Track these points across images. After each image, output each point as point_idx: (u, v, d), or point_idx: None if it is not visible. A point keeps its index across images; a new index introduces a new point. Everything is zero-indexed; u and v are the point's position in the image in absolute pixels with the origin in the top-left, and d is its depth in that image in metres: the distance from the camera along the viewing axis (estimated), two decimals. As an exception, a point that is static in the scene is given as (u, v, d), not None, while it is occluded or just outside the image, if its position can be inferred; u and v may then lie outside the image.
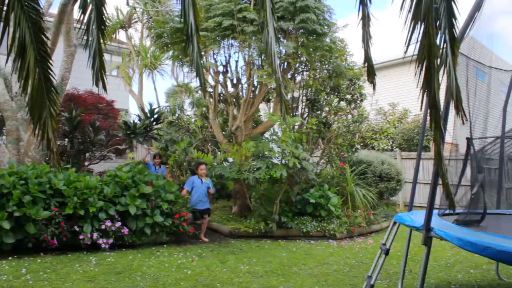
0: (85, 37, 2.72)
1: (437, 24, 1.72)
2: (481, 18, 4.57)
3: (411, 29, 1.73)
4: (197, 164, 8.78)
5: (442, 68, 1.71)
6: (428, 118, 1.86)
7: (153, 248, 7.42)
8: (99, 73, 2.64)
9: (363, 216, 9.52)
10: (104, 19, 2.71)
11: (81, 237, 6.89)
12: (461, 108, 1.73)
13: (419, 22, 1.71)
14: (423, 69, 1.70)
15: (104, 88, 2.72)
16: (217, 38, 9.20)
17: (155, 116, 9.93)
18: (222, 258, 6.91)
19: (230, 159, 9.34)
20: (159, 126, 10.71)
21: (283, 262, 6.73)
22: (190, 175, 10.75)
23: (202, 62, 9.07)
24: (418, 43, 1.69)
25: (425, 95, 1.72)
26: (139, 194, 7.59)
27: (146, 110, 10.27)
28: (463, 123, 1.83)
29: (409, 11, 1.74)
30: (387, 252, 5.22)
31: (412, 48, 1.73)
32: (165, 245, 7.66)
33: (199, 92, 10.75)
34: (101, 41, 2.72)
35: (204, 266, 6.31)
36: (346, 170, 10.53)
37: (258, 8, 8.66)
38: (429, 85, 1.69)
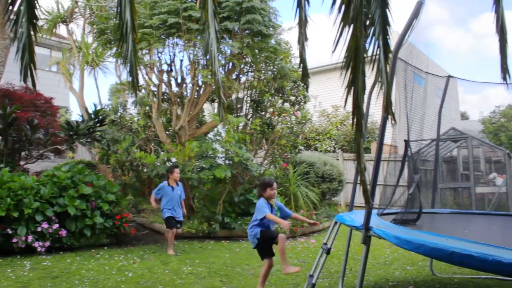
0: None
1: (372, 30, 1.77)
2: (418, 26, 4.76)
3: (339, 31, 1.77)
4: (171, 168, 7.62)
5: (375, 72, 1.77)
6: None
7: (93, 250, 7.21)
8: (28, 68, 2.52)
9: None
10: (36, 11, 2.59)
11: (14, 240, 6.58)
12: (391, 111, 1.79)
13: (347, 25, 1.75)
14: (349, 69, 1.75)
15: (33, 85, 2.60)
16: (162, 36, 9.06)
17: (100, 117, 9.63)
18: (165, 259, 6.81)
19: (174, 159, 9.22)
20: (103, 127, 10.42)
21: (226, 262, 6.72)
22: (133, 174, 10.52)
23: (145, 60, 8.84)
24: (346, 45, 1.74)
25: (349, 95, 1.76)
26: (79, 195, 7.34)
27: (90, 111, 9.96)
28: (392, 125, 1.89)
29: (338, 14, 1.78)
30: (328, 252, 5.32)
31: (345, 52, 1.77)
32: (105, 247, 7.46)
33: (143, 90, 10.54)
34: (32, 34, 2.59)
35: (146, 268, 6.19)
36: (289, 171, 10.66)
37: (201, 8, 8.65)
38: (353, 86, 1.74)
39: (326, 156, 12.87)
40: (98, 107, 10.06)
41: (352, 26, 1.70)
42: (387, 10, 1.79)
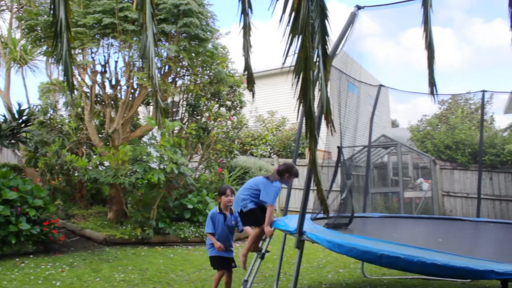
0: None
1: (312, 39, 1.81)
2: (353, 36, 4.93)
3: (289, 42, 1.80)
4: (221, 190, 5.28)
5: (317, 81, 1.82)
6: (304, 127, 1.95)
7: (17, 259, 6.81)
8: None
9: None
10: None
11: None
12: (330, 119, 1.84)
13: (296, 36, 1.79)
14: (300, 80, 1.78)
15: None
16: (96, 36, 8.79)
17: (24, 117, 9.13)
18: (96, 267, 6.58)
19: (106, 163, 8.95)
20: (28, 128, 9.90)
21: (160, 269, 6.60)
22: (63, 179, 10.09)
23: (78, 60, 8.53)
24: (296, 55, 1.77)
25: (301, 105, 1.79)
26: (2, 200, 6.93)
27: (14, 110, 9.43)
28: (332, 134, 1.94)
29: (288, 25, 1.81)
30: (262, 256, 5.37)
31: (290, 60, 1.80)
32: (31, 256, 7.08)
33: (75, 91, 10.14)
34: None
35: (75, 277, 5.95)
36: (225, 176, 10.67)
37: (139, 9, 8.47)
38: (304, 96, 1.77)
39: (261, 161, 13.00)
40: (23, 106, 9.54)
41: (301, 36, 1.74)
42: (325, 20, 1.84)
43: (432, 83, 2.54)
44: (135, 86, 9.52)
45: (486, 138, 13.70)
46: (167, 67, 9.66)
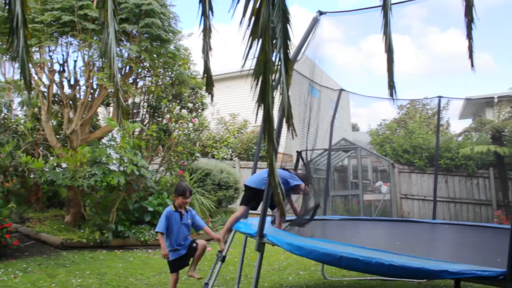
0: None
1: (274, 43, 1.82)
2: (315, 41, 4.99)
3: (249, 45, 1.80)
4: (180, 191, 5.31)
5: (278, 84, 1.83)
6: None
7: (-33, 264, 6.56)
8: None
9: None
10: None
11: None
12: (292, 123, 1.84)
13: (256, 39, 1.78)
14: (259, 83, 1.78)
15: None
16: (55, 34, 8.56)
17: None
18: (52, 272, 6.39)
19: (64, 165, 8.71)
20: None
21: (119, 273, 6.48)
22: (17, 181, 9.77)
23: (35, 58, 8.27)
24: (255, 59, 1.77)
25: (260, 109, 1.79)
26: (-49, 203, 6.66)
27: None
28: (293, 138, 1.95)
29: (248, 28, 1.80)
30: (223, 259, 5.35)
31: (250, 63, 1.80)
32: (-18, 261, 6.83)
33: (32, 90, 9.81)
34: None
35: (29, 283, 5.76)
36: (185, 178, 10.57)
37: (100, 7, 8.30)
38: (263, 99, 1.77)
39: (223, 164, 12.95)
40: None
41: (261, 40, 1.73)
42: (287, 24, 1.85)
43: (391, 85, 2.58)
44: (95, 87, 9.33)
45: (442, 142, 14.13)
46: (128, 67, 9.51)
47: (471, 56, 3.49)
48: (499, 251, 2.85)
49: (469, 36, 3.40)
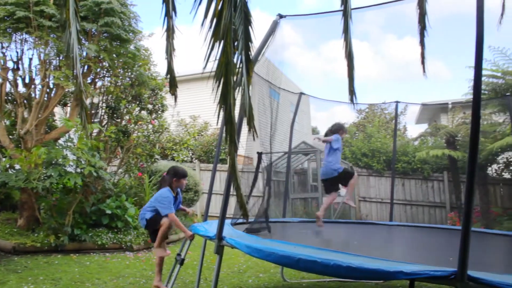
0: None
1: (235, 44, 1.82)
2: (275, 44, 5.03)
3: (210, 47, 1.79)
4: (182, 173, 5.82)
5: (239, 86, 1.83)
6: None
7: None
8: None
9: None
10: None
11: None
12: (253, 125, 1.85)
13: (218, 41, 1.78)
14: (220, 85, 1.78)
15: None
16: (8, 30, 8.28)
17: None
18: (1, 278, 6.14)
19: (18, 166, 8.42)
20: None
21: (75, 278, 6.30)
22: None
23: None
24: (217, 60, 1.77)
25: (221, 110, 1.79)
26: None
27: None
28: (254, 139, 1.95)
29: (210, 29, 1.80)
30: (182, 262, 5.32)
31: (211, 64, 1.80)
32: None
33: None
34: None
35: (-22, 288, 5.54)
36: (145, 180, 10.43)
37: (57, 3, 8.07)
38: (225, 101, 1.77)
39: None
40: None
41: (222, 41, 1.73)
42: (249, 27, 1.86)
43: (351, 91, 2.63)
44: (51, 86, 9.07)
45: (399, 146, 14.50)
46: (86, 67, 9.29)
47: (423, 62, 3.60)
48: (452, 251, 2.96)
49: (422, 43, 3.51)
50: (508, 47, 11.42)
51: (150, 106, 11.11)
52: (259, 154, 5.99)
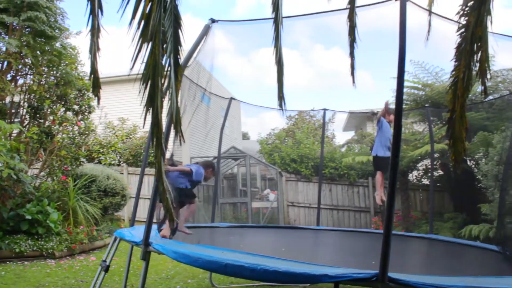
0: None
1: (164, 47, 1.79)
2: (207, 49, 5.01)
3: (138, 48, 1.75)
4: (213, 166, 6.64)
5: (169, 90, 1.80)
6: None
7: None
8: None
9: (85, 232, 9.16)
10: None
11: None
12: (180, 129, 1.82)
13: (146, 42, 1.74)
14: (148, 87, 1.74)
15: None
16: None
17: None
18: None
19: None
20: None
21: (-12, 287, 5.93)
22: None
23: None
24: (145, 62, 1.73)
25: (148, 113, 1.75)
26: None
27: None
28: (181, 144, 1.93)
29: (138, 30, 1.76)
30: (107, 269, 5.14)
31: (140, 66, 1.75)
32: None
33: None
34: None
35: None
36: (69, 184, 10.00)
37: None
38: (152, 103, 1.73)
39: (109, 170, 12.46)
40: None
41: (151, 43, 1.69)
42: (179, 30, 1.83)
43: (281, 97, 2.67)
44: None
45: (326, 152, 14.89)
46: (5, 63, 8.79)
47: (353, 73, 3.74)
48: (375, 254, 3.09)
49: (352, 54, 3.64)
50: (427, 61, 12.10)
51: (76, 107, 10.67)
52: (171, 156, 5.98)
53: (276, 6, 2.52)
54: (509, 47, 4.83)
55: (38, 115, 10.06)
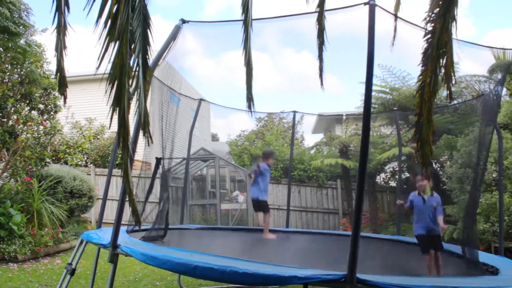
0: None
1: (132, 47, 1.76)
2: (177, 50, 4.97)
3: (105, 47, 1.71)
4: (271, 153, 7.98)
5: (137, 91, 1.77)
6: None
7: None
8: None
9: (50, 235, 8.95)
10: None
11: None
12: (148, 130, 1.80)
13: (113, 41, 1.71)
14: (115, 87, 1.71)
15: None
16: None
17: None
18: None
19: None
20: None
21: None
22: None
23: None
24: (111, 61, 1.69)
25: (114, 113, 1.72)
26: None
27: None
28: (148, 145, 1.90)
29: (104, 28, 1.72)
30: (72, 272, 5.04)
31: (107, 66, 1.72)
32: None
33: None
34: None
35: None
36: (34, 185, 9.76)
37: None
38: (119, 104, 1.70)
39: (76, 171, 12.22)
40: None
41: (118, 43, 1.66)
42: (148, 30, 1.80)
43: (250, 98, 2.67)
44: None
45: (296, 154, 14.97)
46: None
47: (321, 76, 3.77)
48: (343, 256, 3.12)
49: (320, 57, 3.68)
50: (394, 66, 12.33)
51: (41, 106, 10.41)
52: (157, 160, 5.87)
53: (246, 8, 2.52)
54: (472, 54, 4.97)
55: (1, 114, 9.78)
